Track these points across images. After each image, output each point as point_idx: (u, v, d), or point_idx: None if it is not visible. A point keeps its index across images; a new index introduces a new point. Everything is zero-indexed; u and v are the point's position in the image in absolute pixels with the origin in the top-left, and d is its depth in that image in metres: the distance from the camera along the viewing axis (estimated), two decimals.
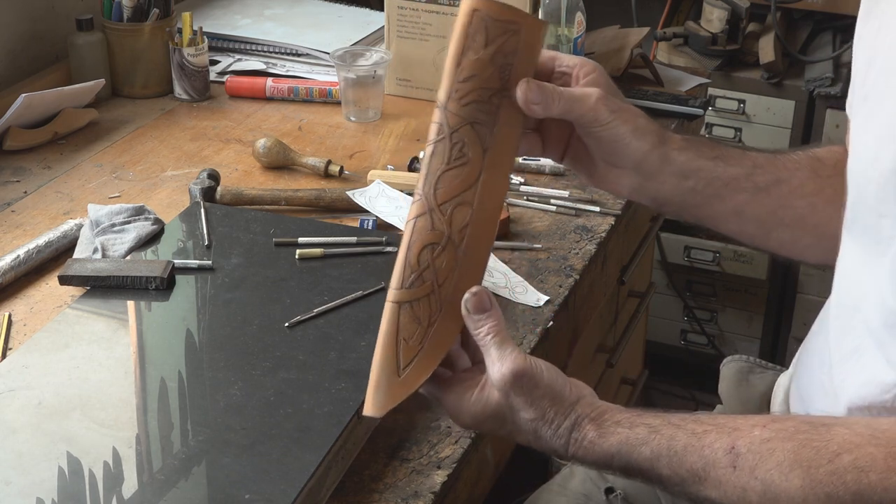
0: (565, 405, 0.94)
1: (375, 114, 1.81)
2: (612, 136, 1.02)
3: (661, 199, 1.09)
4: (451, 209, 0.94)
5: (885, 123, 0.96)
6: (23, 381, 1.11)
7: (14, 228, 1.48)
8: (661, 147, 1.06)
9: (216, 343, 1.18)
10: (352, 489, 1.05)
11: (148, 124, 1.79)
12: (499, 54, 0.94)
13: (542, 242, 1.46)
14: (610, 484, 1.24)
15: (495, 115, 0.95)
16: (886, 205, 0.96)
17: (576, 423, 0.94)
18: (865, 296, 1.00)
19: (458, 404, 0.97)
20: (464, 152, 0.94)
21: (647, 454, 0.92)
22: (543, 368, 0.94)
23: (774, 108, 2.52)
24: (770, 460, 0.88)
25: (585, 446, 0.94)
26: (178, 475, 0.99)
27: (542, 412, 0.94)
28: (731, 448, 0.90)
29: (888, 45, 0.99)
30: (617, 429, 0.93)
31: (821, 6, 2.52)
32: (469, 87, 0.94)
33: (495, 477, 1.23)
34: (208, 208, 1.41)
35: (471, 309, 0.94)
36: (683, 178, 1.08)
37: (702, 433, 0.92)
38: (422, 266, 0.94)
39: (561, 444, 0.94)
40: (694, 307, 2.76)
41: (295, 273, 1.29)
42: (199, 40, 1.85)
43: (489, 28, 0.94)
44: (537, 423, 0.94)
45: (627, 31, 2.00)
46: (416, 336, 0.94)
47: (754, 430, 0.91)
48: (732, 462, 0.90)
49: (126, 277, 1.26)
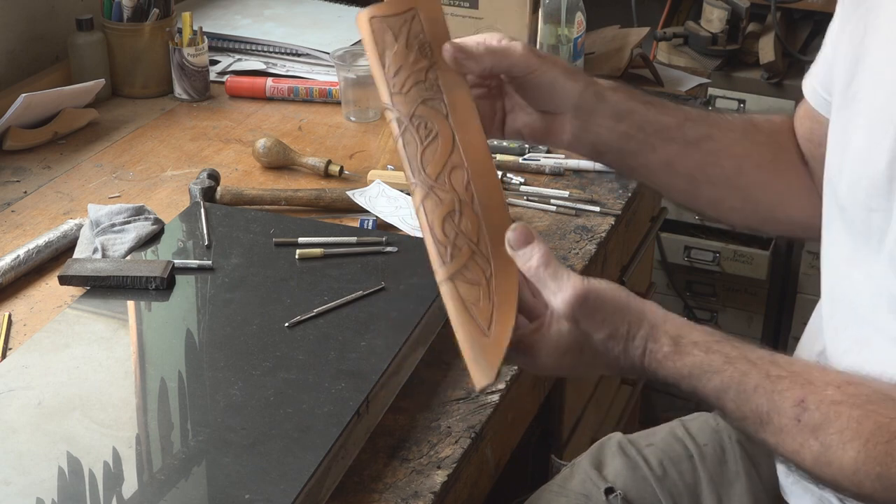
0: (635, 315, 0.93)
1: (375, 114, 1.81)
2: (546, 80, 1.05)
3: (599, 145, 1.11)
4: (446, 177, 0.97)
5: (877, 121, 0.97)
6: (23, 381, 1.11)
7: (14, 228, 1.48)
8: (594, 86, 1.09)
9: (216, 343, 1.18)
10: (352, 489, 1.05)
11: (148, 124, 1.79)
12: (412, 39, 1.01)
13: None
14: (610, 484, 1.24)
15: (437, 86, 1.00)
16: (878, 200, 0.97)
17: (650, 334, 0.93)
18: (860, 289, 1.00)
19: (531, 351, 0.94)
20: (429, 127, 0.99)
21: (716, 384, 0.91)
22: (605, 286, 0.93)
23: (774, 108, 2.52)
24: (834, 424, 0.88)
25: (659, 360, 0.92)
26: (178, 475, 0.99)
27: (614, 328, 0.92)
28: (801, 401, 0.89)
29: (877, 45, 1.00)
30: (693, 350, 0.92)
31: (821, 6, 2.52)
32: (402, 77, 1.00)
33: (495, 477, 1.23)
34: (208, 208, 1.41)
35: (514, 245, 0.93)
36: (618, 120, 1.10)
37: (776, 378, 0.91)
38: (450, 237, 0.95)
39: (637, 356, 0.93)
40: (694, 307, 2.76)
41: (295, 273, 1.29)
42: (199, 40, 1.85)
43: (390, 25, 1.01)
44: (614, 342, 0.93)
45: (627, 31, 2.00)
46: (483, 296, 0.93)
47: (827, 389, 0.90)
48: (798, 415, 0.89)
49: (126, 277, 1.26)
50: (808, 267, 2.62)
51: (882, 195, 0.97)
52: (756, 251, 2.62)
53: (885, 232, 0.97)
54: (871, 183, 0.97)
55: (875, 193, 0.97)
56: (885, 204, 0.96)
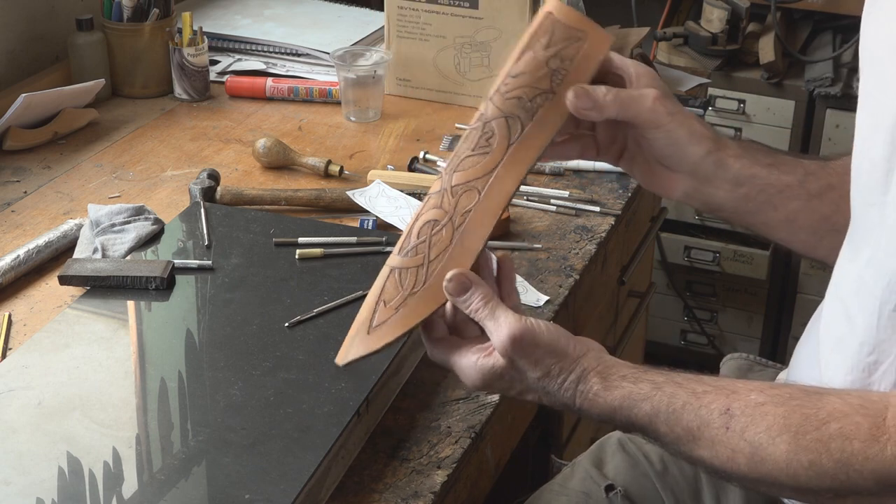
0: (570, 359, 0.96)
1: (375, 114, 1.81)
2: (669, 138, 1.03)
3: (714, 205, 1.10)
4: (460, 192, 0.98)
5: (874, 113, 0.98)
6: (23, 381, 1.11)
7: (14, 228, 1.48)
8: (717, 153, 1.06)
9: (216, 343, 1.18)
10: (352, 489, 1.05)
11: (148, 124, 1.79)
12: (555, 58, 0.99)
13: (542, 242, 1.46)
14: (610, 481, 1.24)
15: (532, 114, 0.99)
16: (874, 194, 0.97)
17: (582, 376, 0.96)
18: (849, 285, 1.01)
19: (467, 369, 0.99)
20: (490, 143, 0.98)
21: (647, 410, 0.94)
22: (543, 328, 0.96)
23: (774, 108, 2.52)
24: (761, 423, 0.90)
25: (591, 398, 0.95)
26: (178, 475, 0.99)
27: (546, 369, 0.96)
28: (727, 409, 0.91)
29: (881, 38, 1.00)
30: (622, 383, 0.95)
31: (821, 6, 2.52)
32: (517, 83, 0.99)
33: (495, 477, 1.23)
34: (208, 208, 1.41)
35: (454, 293, 0.97)
36: (738, 185, 1.08)
37: (701, 393, 0.93)
38: (419, 239, 0.98)
39: (568, 397, 0.96)
40: (694, 307, 2.76)
41: (295, 273, 1.29)
42: (199, 40, 1.85)
43: (555, 31, 0.99)
44: (544, 381, 0.96)
45: (627, 31, 2.00)
46: (395, 301, 0.98)
47: (751, 394, 0.92)
48: (726, 423, 0.91)
49: (126, 277, 1.26)
50: (808, 267, 2.62)
51: (878, 190, 0.97)
52: (756, 251, 2.62)
53: (878, 227, 0.97)
54: (869, 177, 0.98)
55: (873, 187, 0.98)
56: (880, 199, 0.97)
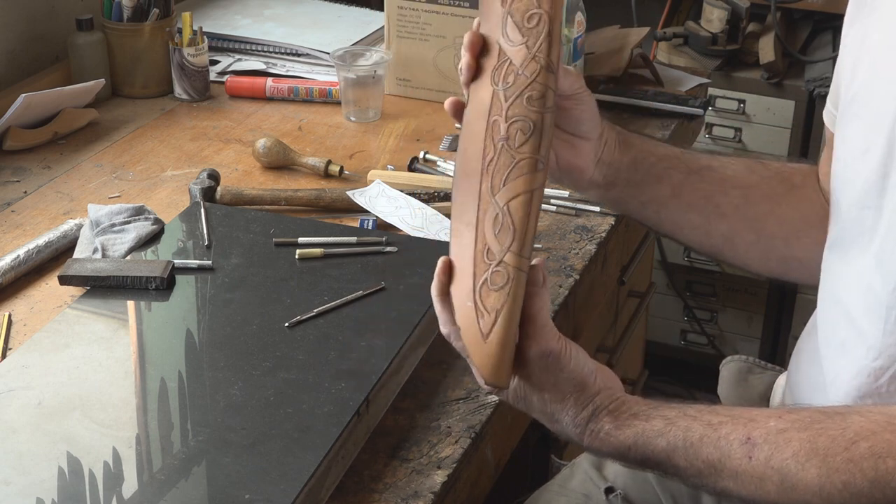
0: (587, 394, 0.95)
1: (375, 114, 1.81)
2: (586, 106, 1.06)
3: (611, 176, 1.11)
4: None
5: (874, 116, 0.98)
6: (23, 381, 1.11)
7: (14, 228, 1.48)
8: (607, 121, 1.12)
9: (216, 343, 1.18)
10: (352, 489, 1.05)
11: (148, 124, 1.79)
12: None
13: (542, 242, 1.46)
14: (610, 483, 1.24)
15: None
16: (871, 197, 0.97)
17: (593, 415, 0.95)
18: (847, 287, 1.01)
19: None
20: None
21: (663, 446, 0.93)
22: (573, 354, 0.95)
23: (774, 108, 2.52)
24: (786, 450, 0.89)
25: (602, 438, 0.94)
26: (178, 475, 0.99)
27: (562, 395, 0.95)
28: (748, 439, 0.90)
29: (874, 44, 1.00)
30: (634, 421, 0.94)
31: (821, 6, 2.52)
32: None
33: (495, 477, 1.23)
34: (208, 208, 1.41)
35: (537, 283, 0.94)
36: (627, 148, 1.12)
37: (717, 424, 0.92)
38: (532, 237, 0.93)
39: (577, 433, 0.95)
40: (694, 307, 2.76)
41: (295, 273, 1.29)
42: (199, 40, 1.85)
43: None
44: (556, 407, 0.95)
45: (627, 31, 2.00)
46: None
47: (770, 421, 0.91)
48: (748, 453, 0.90)
49: (126, 277, 1.26)
50: None
51: (874, 193, 0.97)
52: None
53: (874, 230, 0.98)
54: (866, 180, 0.98)
55: (869, 190, 0.98)
56: (876, 202, 0.97)
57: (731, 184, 1.16)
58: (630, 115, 1.84)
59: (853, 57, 1.05)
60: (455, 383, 1.19)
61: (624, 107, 1.85)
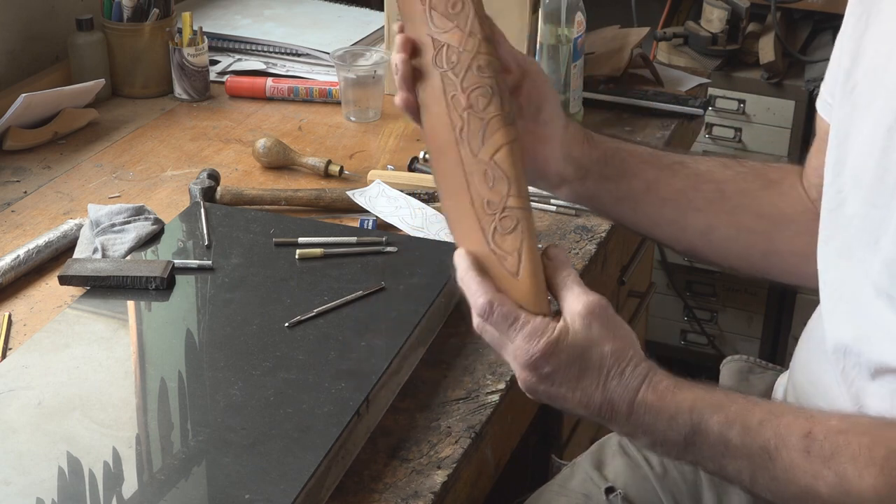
0: (639, 351, 0.94)
1: (375, 114, 1.81)
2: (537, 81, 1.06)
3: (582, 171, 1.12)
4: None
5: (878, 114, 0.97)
6: (23, 381, 1.11)
7: (14, 228, 1.48)
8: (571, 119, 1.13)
9: (216, 343, 1.18)
10: (352, 489, 1.05)
11: (148, 124, 1.79)
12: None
13: (542, 242, 1.46)
14: (610, 483, 1.24)
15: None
16: (881, 196, 0.96)
17: (651, 367, 0.93)
18: (860, 283, 1.00)
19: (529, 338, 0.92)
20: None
21: (720, 419, 0.91)
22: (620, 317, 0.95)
23: (774, 108, 2.52)
24: (845, 453, 0.88)
25: (660, 391, 0.92)
26: (178, 475, 0.99)
27: (623, 345, 0.93)
28: (808, 432, 0.89)
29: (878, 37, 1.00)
30: (694, 387, 0.93)
31: (821, 6, 2.52)
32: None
33: (495, 477, 1.23)
34: (208, 208, 1.41)
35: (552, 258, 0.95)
36: (596, 143, 1.13)
37: (779, 413, 0.91)
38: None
39: (635, 384, 0.92)
40: (694, 307, 2.76)
41: (295, 273, 1.29)
42: (199, 40, 1.85)
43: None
44: (618, 357, 0.92)
45: (627, 31, 2.00)
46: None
47: (831, 420, 0.90)
48: (807, 447, 0.89)
49: (126, 277, 1.26)
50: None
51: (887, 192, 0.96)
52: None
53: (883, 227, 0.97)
54: (874, 176, 0.98)
55: (881, 188, 0.97)
56: (887, 201, 0.96)
57: (705, 178, 1.16)
58: (630, 115, 1.84)
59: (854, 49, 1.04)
60: (455, 383, 1.19)
61: (624, 107, 1.85)
